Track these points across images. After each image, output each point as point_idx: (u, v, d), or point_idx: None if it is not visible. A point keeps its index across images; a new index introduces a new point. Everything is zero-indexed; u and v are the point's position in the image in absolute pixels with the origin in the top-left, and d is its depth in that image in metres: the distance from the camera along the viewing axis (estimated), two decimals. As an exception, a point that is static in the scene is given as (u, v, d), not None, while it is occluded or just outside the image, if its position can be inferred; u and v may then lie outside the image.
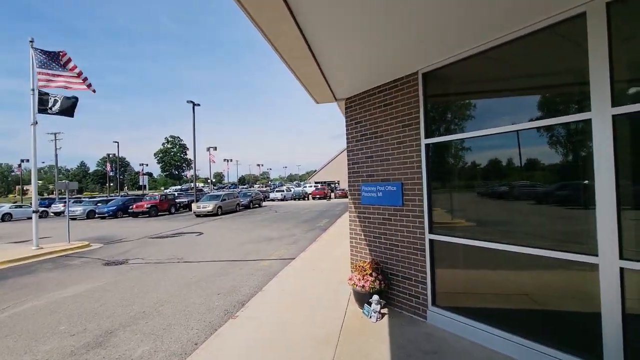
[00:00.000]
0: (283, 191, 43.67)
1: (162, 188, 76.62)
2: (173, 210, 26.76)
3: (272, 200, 41.21)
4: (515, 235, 3.38)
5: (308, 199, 43.81)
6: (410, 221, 4.30)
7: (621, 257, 2.57)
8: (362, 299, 4.46)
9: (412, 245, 4.28)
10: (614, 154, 2.59)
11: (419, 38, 3.32)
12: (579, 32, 2.75)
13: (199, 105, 28.17)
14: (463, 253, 3.84)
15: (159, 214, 25.24)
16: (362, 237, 5.07)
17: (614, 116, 2.58)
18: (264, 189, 55.30)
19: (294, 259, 8.21)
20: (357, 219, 5.16)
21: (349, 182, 5.32)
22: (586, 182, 2.83)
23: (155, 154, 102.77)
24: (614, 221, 2.60)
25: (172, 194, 30.96)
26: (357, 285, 4.45)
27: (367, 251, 4.98)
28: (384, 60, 3.87)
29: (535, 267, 3.19)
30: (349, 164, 5.30)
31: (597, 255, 2.70)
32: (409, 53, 3.67)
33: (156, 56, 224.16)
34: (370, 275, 4.44)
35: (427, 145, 4.11)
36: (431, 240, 4.09)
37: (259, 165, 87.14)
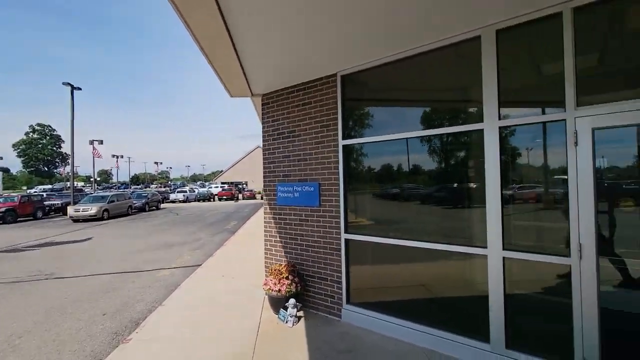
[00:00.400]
0: (185, 192, 40.09)
1: (25, 187, 61.73)
2: (40, 214, 21.73)
3: (173, 202, 37.41)
4: (418, 232, 3.69)
5: (214, 200, 41.31)
6: (327, 222, 4.31)
7: (504, 249, 3.02)
8: (278, 303, 4.27)
9: (329, 245, 4.30)
10: (500, 160, 3.02)
11: (339, 40, 3.33)
12: (476, 53, 3.14)
13: (79, 89, 23.52)
14: (372, 250, 4.03)
15: (19, 219, 20.17)
16: (278, 239, 4.89)
17: (500, 127, 3.02)
18: (163, 189, 49.90)
19: (200, 265, 7.48)
20: (273, 221, 4.95)
21: (264, 182, 5.08)
22: (471, 185, 3.25)
23: (14, 146, 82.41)
24: (499, 218, 3.03)
25: (38, 195, 25.04)
26: (272, 290, 4.24)
27: (283, 253, 4.82)
28: (303, 59, 3.77)
29: (433, 259, 3.53)
30: (264, 163, 5.05)
31: (486, 247, 3.12)
32: (328, 54, 3.66)
33: (9, 23, 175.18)
34: (287, 278, 4.29)
35: (344, 147, 4.18)
36: (347, 240, 4.17)
37: (157, 163, 77.60)
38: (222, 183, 58.08)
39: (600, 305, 2.58)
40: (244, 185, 59.39)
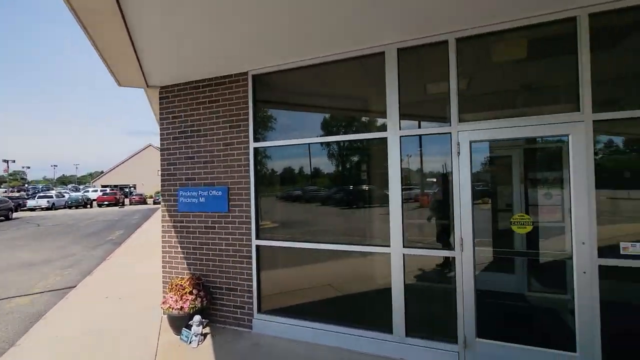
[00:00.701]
0: (51, 197, 32.72)
1: None
2: None
3: (32, 209, 30.15)
4: (328, 235, 3.82)
5: (92, 207, 35.01)
6: (237, 228, 4.06)
7: (404, 246, 3.35)
8: (180, 323, 3.81)
9: (239, 253, 4.06)
10: (400, 167, 3.35)
11: (251, 38, 3.20)
12: (381, 68, 3.42)
13: None
14: (282, 255, 4.00)
15: None
16: (180, 249, 4.38)
17: (401, 137, 3.35)
18: (17, 194, 39.73)
19: (74, 287, 6.16)
20: (174, 229, 4.42)
21: (162, 186, 4.49)
22: (376, 189, 3.54)
23: None
24: (400, 219, 3.35)
25: None
26: (173, 309, 3.76)
27: (186, 265, 4.34)
28: (212, 52, 3.49)
29: (339, 259, 3.70)
30: (163, 165, 4.48)
31: (389, 246, 3.40)
32: (239, 50, 3.47)
33: None
34: (191, 293, 3.86)
35: (256, 149, 4.02)
36: (258, 246, 4.01)
37: (6, 161, 59.66)
38: (104, 186, 49.69)
39: (476, 288, 3.10)
40: (132, 188, 52.12)
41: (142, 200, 38.59)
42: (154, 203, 37.47)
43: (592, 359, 2.72)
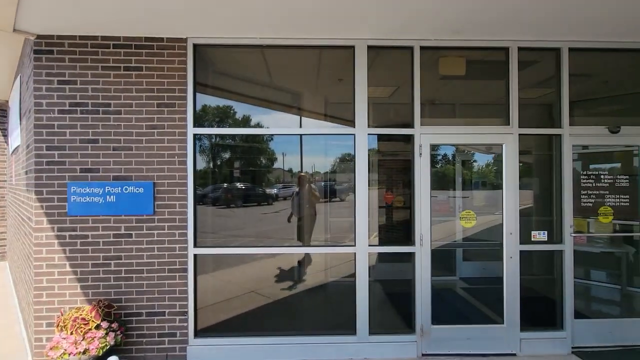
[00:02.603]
0: None
1: None
2: None
3: None
4: (280, 237, 3.49)
5: None
6: (166, 234, 3.19)
7: (369, 245, 3.34)
8: (81, 372, 2.70)
9: (168, 266, 3.20)
10: (368, 165, 3.33)
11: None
12: (350, 62, 3.30)
13: None
14: (217, 264, 3.43)
15: None
16: (68, 268, 3.12)
17: (369, 134, 3.33)
18: None
19: None
20: (58, 241, 3.11)
21: (37, 178, 3.11)
22: (339, 186, 3.44)
23: None
24: (366, 218, 3.32)
25: None
26: (71, 355, 2.63)
27: (79, 290, 3.13)
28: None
29: (287, 262, 3.44)
30: (38, 149, 3.10)
31: (354, 245, 3.33)
32: (178, 6, 2.66)
33: None
34: (98, 327, 2.80)
35: (196, 136, 3.25)
36: (196, 256, 3.26)
37: None
38: None
39: (431, 278, 3.37)
40: None
41: None
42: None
43: (513, 326, 3.35)
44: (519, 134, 3.36)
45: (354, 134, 3.31)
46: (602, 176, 3.52)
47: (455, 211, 4.26)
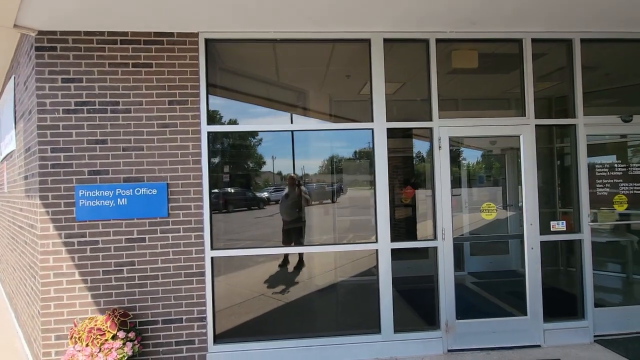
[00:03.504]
0: None
1: None
2: None
3: None
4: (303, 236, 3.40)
5: None
6: (182, 237, 3.05)
7: (392, 241, 3.27)
8: (99, 386, 2.54)
9: (184, 270, 3.05)
10: (388, 160, 3.26)
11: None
12: (366, 55, 3.25)
13: None
14: (242, 265, 3.32)
15: None
16: (78, 277, 2.94)
17: (387, 129, 3.27)
18: None
19: None
20: (66, 248, 2.93)
21: (41, 182, 2.92)
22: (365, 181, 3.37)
23: None
24: (387, 213, 3.25)
25: None
26: (88, 367, 2.47)
27: (90, 299, 2.95)
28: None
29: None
30: (42, 151, 2.93)
31: (377, 242, 3.25)
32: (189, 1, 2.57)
33: None
34: (115, 337, 2.64)
35: (210, 134, 3.13)
36: (213, 259, 3.13)
37: None
38: None
39: (454, 272, 3.32)
40: None
41: None
42: None
43: (537, 318, 3.33)
44: (536, 125, 3.36)
45: (372, 128, 3.25)
46: (615, 165, 3.55)
47: (462, 206, 4.26)
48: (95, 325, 2.64)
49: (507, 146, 4.29)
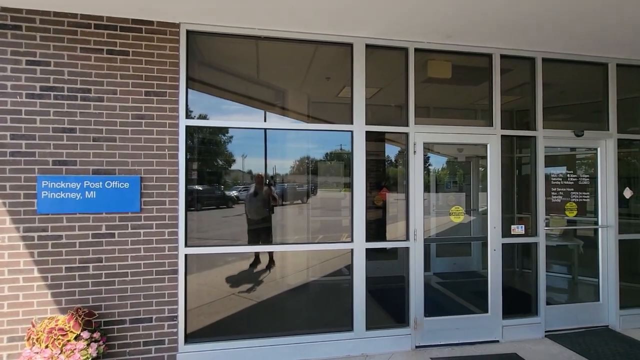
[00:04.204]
0: None
1: None
2: None
3: None
4: (280, 234, 3.40)
5: None
6: (155, 233, 2.95)
7: (366, 241, 3.36)
8: (59, 389, 2.38)
9: (156, 268, 2.95)
10: (365, 162, 3.36)
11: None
12: (348, 59, 3.33)
13: None
14: (216, 263, 3.28)
15: None
16: (37, 274, 2.74)
17: (367, 131, 3.36)
18: None
19: None
20: (24, 243, 2.72)
21: (-2, 172, 2.70)
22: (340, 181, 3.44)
23: None
24: (363, 214, 3.34)
25: None
26: (47, 370, 2.31)
27: (51, 298, 2.76)
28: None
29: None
30: (1, 137, 2.70)
31: (352, 242, 3.33)
32: None
33: None
34: (78, 338, 2.49)
35: (188, 129, 3.05)
36: (187, 256, 3.05)
37: None
38: None
39: (424, 272, 3.48)
40: None
41: None
42: None
43: (497, 315, 3.57)
44: (501, 135, 3.61)
45: (352, 131, 3.33)
46: (568, 176, 3.91)
47: (430, 209, 4.47)
48: (57, 325, 2.48)
49: (473, 154, 4.57)
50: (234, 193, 3.77)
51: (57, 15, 2.79)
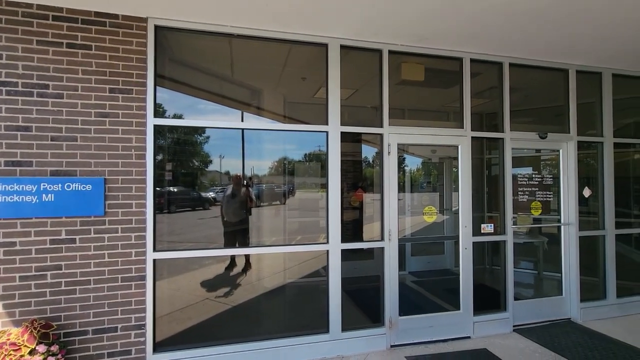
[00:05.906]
0: None
1: None
2: None
3: None
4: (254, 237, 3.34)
5: None
6: (120, 238, 2.79)
7: (342, 242, 3.35)
8: (11, 409, 2.20)
9: (122, 274, 2.80)
10: (341, 163, 3.35)
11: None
12: (323, 60, 3.31)
13: None
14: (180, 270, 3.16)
15: None
16: (-13, 284, 2.53)
17: (342, 132, 3.36)
18: None
19: None
20: (-29, 251, 2.50)
21: (-60, 173, 2.47)
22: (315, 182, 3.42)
23: None
24: (338, 215, 3.33)
25: None
26: (-2, 388, 2.13)
27: (3, 310, 2.55)
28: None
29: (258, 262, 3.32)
30: (-56, 136, 2.48)
31: (328, 243, 3.31)
32: None
33: None
34: (33, 352, 2.31)
35: (157, 128, 2.92)
36: (155, 261, 2.91)
37: None
38: None
39: (398, 272, 3.52)
40: None
41: None
42: None
43: (468, 312, 3.67)
44: (471, 137, 3.72)
45: (327, 131, 3.32)
46: (533, 176, 4.09)
47: (405, 209, 4.54)
48: (8, 339, 2.29)
49: (445, 155, 4.68)
50: (210, 194, 3.65)
51: (10, 4, 2.59)
